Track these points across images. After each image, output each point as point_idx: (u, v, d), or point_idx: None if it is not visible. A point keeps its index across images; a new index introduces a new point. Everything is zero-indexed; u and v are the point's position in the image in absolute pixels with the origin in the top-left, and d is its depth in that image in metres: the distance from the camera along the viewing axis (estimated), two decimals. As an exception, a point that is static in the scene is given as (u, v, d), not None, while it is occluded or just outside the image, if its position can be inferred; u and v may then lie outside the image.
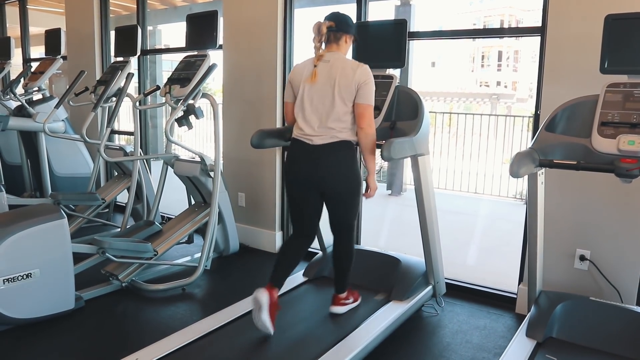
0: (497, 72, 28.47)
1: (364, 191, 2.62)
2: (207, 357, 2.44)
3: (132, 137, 4.29)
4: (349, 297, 2.88)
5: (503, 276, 3.75)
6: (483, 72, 29.05)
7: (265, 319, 2.51)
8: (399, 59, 2.91)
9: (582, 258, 2.96)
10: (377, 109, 2.79)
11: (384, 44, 2.95)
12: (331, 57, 2.53)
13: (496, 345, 2.83)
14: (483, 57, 29.67)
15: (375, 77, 2.94)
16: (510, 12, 26.87)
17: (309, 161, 2.54)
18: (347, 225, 2.70)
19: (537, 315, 2.55)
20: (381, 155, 2.47)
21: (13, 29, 6.82)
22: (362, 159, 2.69)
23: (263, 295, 2.51)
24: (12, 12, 6.83)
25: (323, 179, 2.54)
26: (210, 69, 3.46)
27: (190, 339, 2.55)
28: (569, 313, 2.53)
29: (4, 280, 2.70)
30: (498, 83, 27.39)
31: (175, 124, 3.55)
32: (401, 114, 2.86)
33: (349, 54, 2.69)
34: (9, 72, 5.41)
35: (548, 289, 2.80)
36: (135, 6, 5.02)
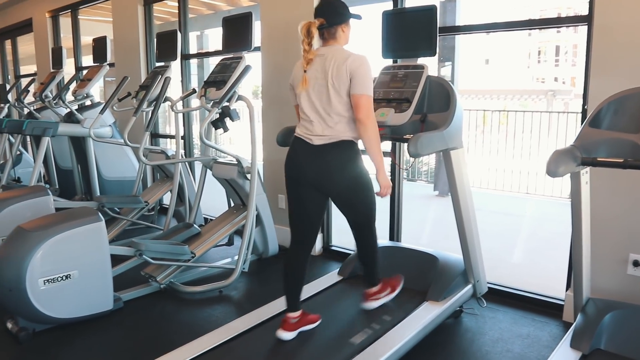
0: (555, 68, 27.35)
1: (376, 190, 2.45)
2: (241, 356, 2.43)
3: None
4: (383, 290, 2.82)
5: (551, 281, 3.55)
6: (539, 68, 27.96)
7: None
8: (430, 47, 2.75)
9: (636, 263, 2.75)
10: (407, 101, 2.67)
11: (414, 32, 2.79)
12: (326, 50, 2.40)
13: (539, 355, 2.66)
14: (539, 52, 28.57)
15: (405, 67, 2.83)
16: (567, 4, 25.71)
17: (309, 161, 2.42)
18: (363, 224, 2.61)
19: (583, 324, 2.36)
20: (408, 150, 2.36)
21: (68, 39, 7.10)
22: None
23: (285, 335, 2.54)
24: (66, 23, 7.12)
25: (322, 180, 2.41)
26: (245, 70, 3.47)
27: (224, 338, 2.56)
28: (619, 323, 2.34)
29: (44, 281, 2.78)
30: (555, 79, 26.29)
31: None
32: (433, 106, 2.72)
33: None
34: (62, 79, 5.63)
35: (598, 297, 2.60)
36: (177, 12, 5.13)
